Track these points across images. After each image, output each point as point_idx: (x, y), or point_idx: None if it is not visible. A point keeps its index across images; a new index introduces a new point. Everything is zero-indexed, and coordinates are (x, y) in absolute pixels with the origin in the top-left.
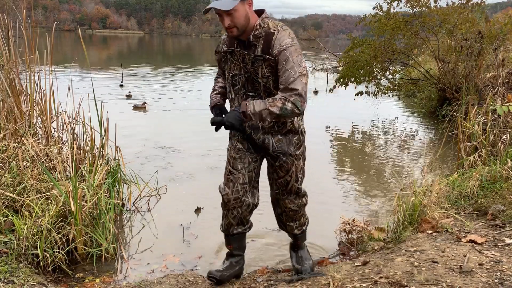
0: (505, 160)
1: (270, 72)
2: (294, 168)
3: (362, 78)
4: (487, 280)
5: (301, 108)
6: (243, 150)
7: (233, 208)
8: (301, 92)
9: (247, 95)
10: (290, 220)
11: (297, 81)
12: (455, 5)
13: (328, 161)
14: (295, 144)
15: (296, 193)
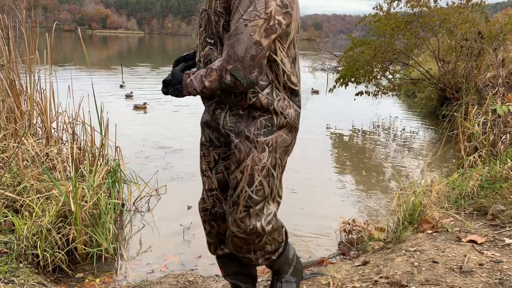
0: (505, 160)
1: (223, 8)
2: (250, 161)
3: (362, 78)
4: (487, 280)
5: (245, 79)
6: (205, 145)
7: (204, 222)
8: (243, 57)
9: (206, 42)
10: (241, 251)
11: (242, 37)
12: (455, 5)
13: (328, 161)
14: (261, 126)
15: (246, 210)
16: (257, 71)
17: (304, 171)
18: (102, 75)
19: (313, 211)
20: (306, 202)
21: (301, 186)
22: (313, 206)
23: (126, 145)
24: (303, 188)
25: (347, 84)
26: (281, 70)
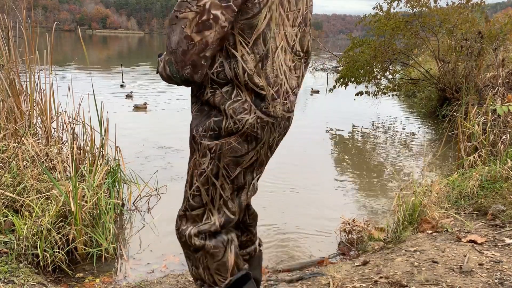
0: (505, 160)
1: None
2: (192, 163)
3: (362, 78)
4: (487, 280)
5: (177, 74)
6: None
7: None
8: (176, 50)
9: None
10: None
11: (175, 29)
12: (455, 5)
13: (328, 161)
14: (209, 128)
15: (185, 210)
16: (189, 68)
17: (304, 171)
18: (102, 75)
19: (313, 211)
20: (306, 202)
21: (301, 186)
22: (313, 206)
23: (126, 145)
24: (303, 188)
25: (347, 84)
26: (240, 68)
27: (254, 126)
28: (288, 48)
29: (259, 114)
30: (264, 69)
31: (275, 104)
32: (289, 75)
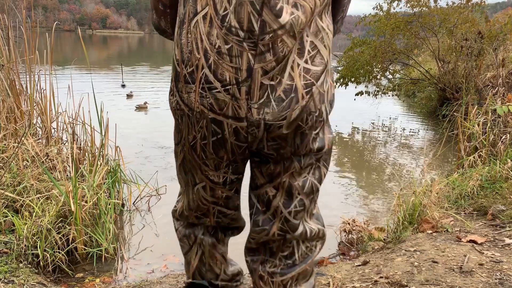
0: (505, 160)
1: None
2: None
3: (362, 78)
4: (487, 280)
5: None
6: None
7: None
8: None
9: None
10: None
11: None
12: (455, 5)
13: None
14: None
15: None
16: (154, 13)
17: None
18: (102, 75)
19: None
20: None
21: None
22: None
23: (126, 145)
24: None
25: (347, 84)
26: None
27: (175, 112)
28: (216, 20)
29: (177, 98)
30: (180, 38)
31: (188, 90)
32: (216, 60)
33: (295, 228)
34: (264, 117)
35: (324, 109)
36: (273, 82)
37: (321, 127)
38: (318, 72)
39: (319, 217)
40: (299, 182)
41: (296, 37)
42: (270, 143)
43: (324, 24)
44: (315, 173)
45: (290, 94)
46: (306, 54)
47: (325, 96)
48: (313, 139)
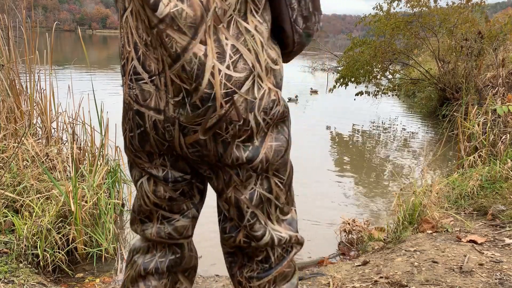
0: (505, 160)
1: None
2: None
3: (362, 78)
4: (487, 280)
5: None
6: None
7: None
8: None
9: None
10: None
11: None
12: (455, 5)
13: (328, 161)
14: None
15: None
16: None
17: (303, 171)
18: (102, 74)
19: (312, 211)
20: (305, 202)
21: (301, 186)
22: (313, 206)
23: None
24: (303, 188)
25: (347, 84)
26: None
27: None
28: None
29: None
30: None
31: (123, 81)
32: (144, 51)
33: (258, 238)
34: (178, 117)
35: (254, 118)
36: (186, 86)
37: (253, 136)
38: (241, 78)
39: (293, 222)
40: (245, 195)
41: (188, 33)
42: (190, 150)
43: (249, 25)
44: (263, 184)
45: (207, 103)
46: (227, 59)
47: (255, 104)
48: (238, 148)
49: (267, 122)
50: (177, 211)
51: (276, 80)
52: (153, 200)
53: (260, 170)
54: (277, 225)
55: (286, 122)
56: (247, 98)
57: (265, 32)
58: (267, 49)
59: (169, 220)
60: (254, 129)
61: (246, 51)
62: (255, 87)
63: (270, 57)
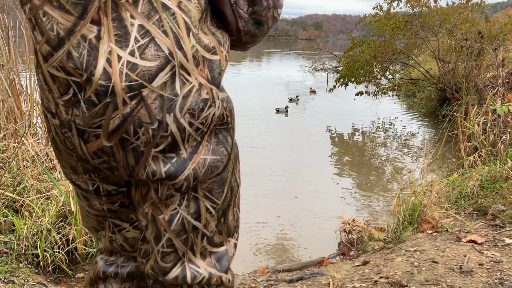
0: (505, 160)
1: None
2: None
3: (362, 78)
4: (487, 280)
5: None
6: None
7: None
8: None
9: None
10: None
11: None
12: (455, 5)
13: (328, 161)
14: None
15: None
16: None
17: (303, 171)
18: None
19: (313, 211)
20: (306, 202)
21: (301, 186)
22: (313, 206)
23: None
24: (303, 188)
25: (347, 84)
26: None
27: None
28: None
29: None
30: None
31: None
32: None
33: (165, 272)
34: (74, 119)
35: (174, 122)
36: (75, 78)
37: (176, 145)
38: (152, 69)
39: (223, 258)
40: (165, 215)
41: (73, 11)
42: (96, 160)
43: (170, 0)
44: (189, 207)
45: (104, 98)
46: (132, 43)
47: (176, 103)
48: (156, 160)
49: (198, 128)
50: (125, 219)
51: (212, 74)
52: (93, 212)
53: (186, 189)
54: (198, 259)
55: (230, 130)
56: (163, 95)
57: (194, 11)
58: (197, 34)
59: (120, 229)
60: (176, 136)
61: (161, 34)
62: (176, 81)
63: (202, 44)
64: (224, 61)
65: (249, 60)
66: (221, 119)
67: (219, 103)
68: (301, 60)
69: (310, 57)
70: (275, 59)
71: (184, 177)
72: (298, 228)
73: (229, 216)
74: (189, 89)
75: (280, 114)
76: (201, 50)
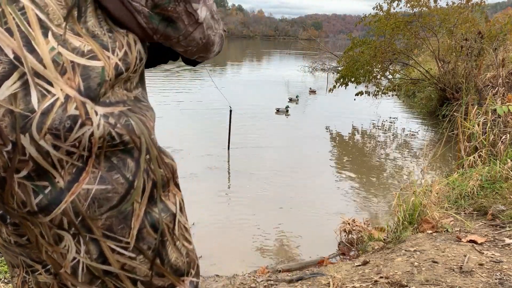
0: (505, 160)
1: None
2: None
3: (362, 78)
4: (487, 280)
5: None
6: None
7: None
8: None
9: None
10: None
11: None
12: (455, 5)
13: (328, 161)
14: None
15: None
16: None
17: (303, 171)
18: None
19: (313, 211)
20: (306, 202)
21: (301, 186)
22: (313, 206)
23: None
24: (303, 188)
25: (347, 84)
26: None
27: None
28: None
29: None
30: None
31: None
32: None
33: None
34: None
35: (32, 144)
36: None
37: (46, 172)
38: None
39: None
40: (66, 269)
41: None
42: None
43: None
44: (90, 252)
45: None
46: None
47: (33, 121)
48: (24, 188)
49: (70, 152)
50: (36, 259)
51: (88, 83)
52: (1, 242)
53: (75, 229)
54: None
55: (132, 152)
56: (13, 110)
57: (54, 6)
58: (61, 34)
59: (33, 271)
60: (39, 160)
61: (3, 33)
62: (32, 93)
63: (69, 47)
64: (113, 69)
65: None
66: (111, 140)
67: (99, 120)
68: (301, 60)
69: (310, 57)
70: (275, 59)
71: (61, 211)
72: (298, 228)
73: (169, 254)
74: (50, 104)
75: (280, 114)
76: (67, 54)
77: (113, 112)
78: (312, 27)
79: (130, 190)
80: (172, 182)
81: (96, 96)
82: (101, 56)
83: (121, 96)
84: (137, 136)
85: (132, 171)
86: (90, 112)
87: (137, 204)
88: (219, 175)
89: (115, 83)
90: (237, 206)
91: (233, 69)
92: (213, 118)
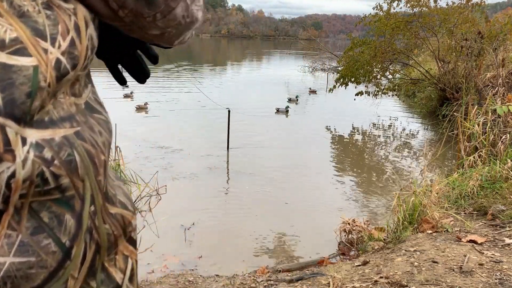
0: (505, 160)
1: None
2: None
3: (362, 78)
4: (487, 280)
5: None
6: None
7: None
8: None
9: None
10: None
11: None
12: (455, 5)
13: (328, 161)
14: None
15: None
16: None
17: (304, 171)
18: (102, 74)
19: (313, 211)
20: (306, 202)
21: (301, 186)
22: (313, 206)
23: (126, 145)
24: (303, 188)
25: (347, 84)
26: None
27: None
28: None
29: None
30: None
31: None
32: None
33: None
34: None
35: None
36: None
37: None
38: None
39: None
40: None
41: None
42: None
43: None
44: None
45: None
46: None
47: None
48: None
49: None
50: None
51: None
52: None
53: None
54: None
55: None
56: None
57: None
58: None
59: None
60: None
61: None
62: None
63: None
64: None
65: (249, 60)
66: (42, 184)
67: (26, 153)
68: (301, 60)
69: (310, 57)
70: (275, 59)
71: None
72: (298, 228)
73: None
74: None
75: (280, 114)
76: None
77: (53, 138)
78: (312, 27)
79: (64, 262)
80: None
81: (25, 113)
82: (32, 48)
83: (68, 108)
84: (80, 178)
85: (71, 233)
86: (12, 141)
87: (72, 281)
88: (219, 175)
89: (57, 89)
90: (237, 206)
91: (233, 69)
92: (213, 118)
